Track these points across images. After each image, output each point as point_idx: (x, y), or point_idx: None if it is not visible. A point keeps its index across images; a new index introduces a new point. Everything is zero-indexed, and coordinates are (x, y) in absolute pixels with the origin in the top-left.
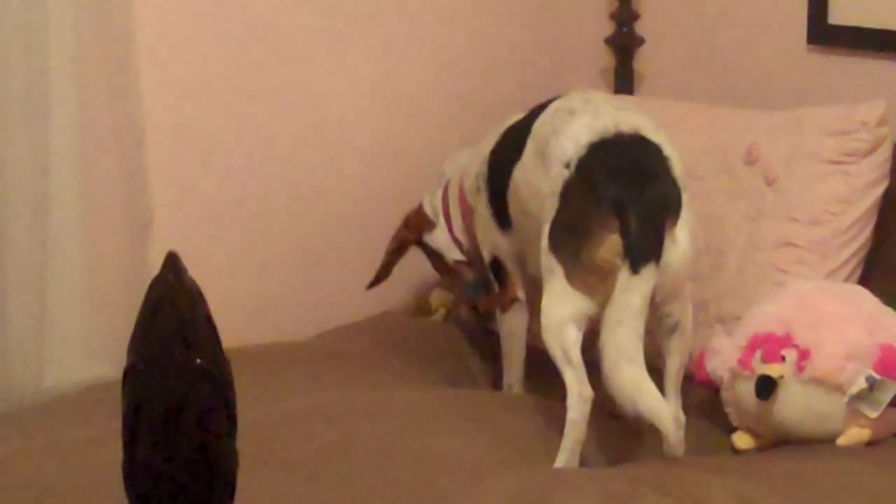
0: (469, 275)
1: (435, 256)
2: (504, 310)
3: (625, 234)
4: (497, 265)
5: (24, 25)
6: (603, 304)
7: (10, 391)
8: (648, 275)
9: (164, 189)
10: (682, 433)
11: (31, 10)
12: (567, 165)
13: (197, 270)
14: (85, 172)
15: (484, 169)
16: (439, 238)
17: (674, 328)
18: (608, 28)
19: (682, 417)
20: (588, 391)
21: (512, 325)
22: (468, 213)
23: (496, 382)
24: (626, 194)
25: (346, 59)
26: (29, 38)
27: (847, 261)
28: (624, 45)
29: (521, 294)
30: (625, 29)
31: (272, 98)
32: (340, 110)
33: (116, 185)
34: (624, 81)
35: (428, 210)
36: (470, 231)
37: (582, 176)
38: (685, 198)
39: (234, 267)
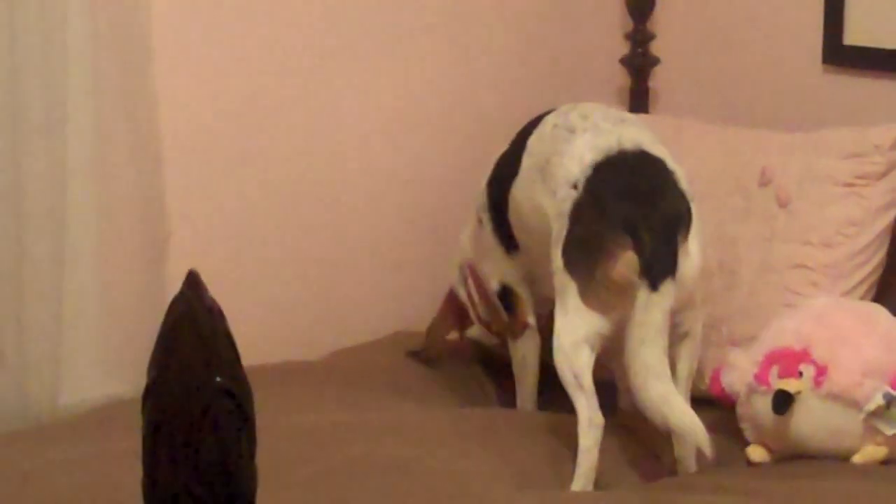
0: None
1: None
2: (515, 337)
3: (640, 252)
4: (506, 292)
5: (42, 42)
6: (618, 322)
7: (26, 409)
8: (667, 290)
9: (182, 207)
10: (709, 448)
11: (48, 27)
12: (574, 186)
13: (214, 288)
14: (102, 190)
15: (484, 199)
16: (474, 331)
17: (685, 335)
18: (624, 48)
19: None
20: (599, 418)
21: (524, 351)
22: (481, 286)
23: (509, 403)
24: (637, 212)
25: (366, 79)
26: (47, 54)
27: (860, 283)
28: (639, 65)
29: (531, 320)
30: (640, 49)
31: (291, 116)
32: (360, 129)
33: (134, 202)
34: (639, 101)
35: (462, 297)
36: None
37: (591, 196)
38: (694, 209)
39: (251, 285)
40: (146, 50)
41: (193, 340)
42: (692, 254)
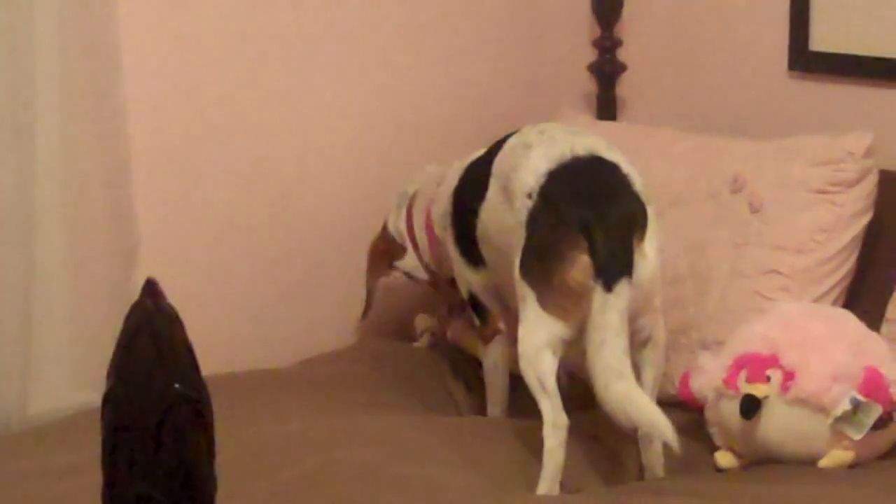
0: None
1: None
2: (486, 342)
3: (594, 253)
4: (475, 301)
5: (8, 53)
6: (578, 328)
7: None
8: (623, 291)
9: (151, 214)
10: (659, 445)
11: (16, 37)
12: (529, 196)
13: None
14: (71, 198)
15: (450, 208)
16: (409, 263)
17: (646, 341)
18: (591, 55)
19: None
20: (563, 419)
21: (495, 357)
22: (435, 242)
23: (478, 409)
24: (590, 214)
25: (338, 85)
26: (14, 64)
27: (831, 289)
28: (606, 71)
29: (502, 326)
30: (607, 56)
31: (261, 122)
32: (331, 136)
33: (103, 210)
34: (606, 108)
35: (392, 232)
36: (437, 257)
37: (545, 202)
38: (650, 211)
39: (221, 292)
40: (114, 57)
41: (151, 348)
42: (648, 255)
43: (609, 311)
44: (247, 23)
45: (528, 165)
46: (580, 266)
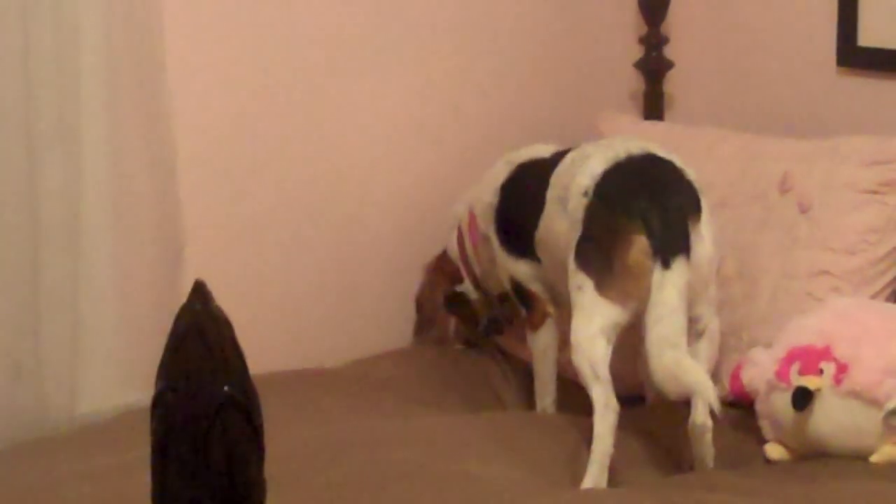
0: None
1: (465, 314)
2: (535, 328)
3: (651, 234)
4: (520, 289)
5: (56, 54)
6: (635, 312)
7: (44, 418)
8: (680, 268)
9: (197, 217)
10: (710, 437)
11: (63, 40)
12: (585, 194)
13: (229, 297)
14: (118, 201)
15: (495, 200)
16: (467, 287)
17: (702, 333)
18: (637, 52)
19: (710, 423)
20: (614, 402)
21: (545, 342)
22: (479, 242)
23: (524, 405)
24: (646, 203)
25: (379, 88)
26: (61, 67)
27: (882, 289)
28: (653, 69)
29: (550, 309)
30: (654, 53)
31: (304, 126)
32: (374, 138)
33: (149, 213)
34: (653, 105)
35: (449, 253)
36: (481, 260)
37: (601, 197)
38: (704, 202)
39: (268, 294)
40: (160, 61)
41: (201, 350)
42: (705, 237)
43: (667, 288)
44: (289, 27)
45: (584, 170)
46: (638, 246)
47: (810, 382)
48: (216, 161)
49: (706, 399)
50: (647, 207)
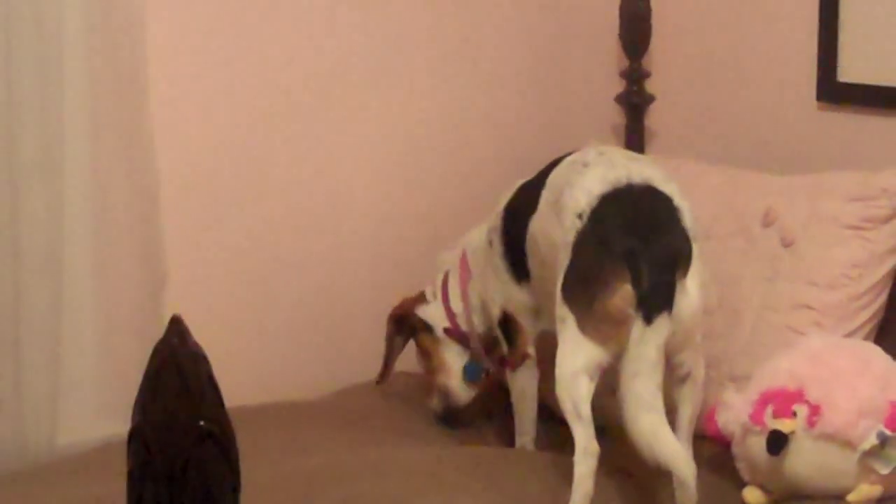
0: (458, 357)
1: (425, 354)
2: (514, 368)
3: (637, 285)
4: (507, 323)
5: (39, 87)
6: (616, 353)
7: (24, 449)
8: (662, 325)
9: (179, 247)
10: (694, 483)
11: (46, 72)
12: (579, 216)
13: (213, 328)
14: (100, 231)
15: (498, 222)
16: (429, 310)
17: (685, 378)
18: (619, 86)
19: (694, 468)
20: (594, 446)
21: (523, 383)
22: (467, 279)
23: (507, 441)
24: (637, 245)
25: (364, 120)
26: (44, 99)
27: (863, 325)
28: (634, 102)
29: (531, 350)
30: (635, 87)
31: (288, 157)
32: (357, 170)
33: (131, 242)
34: (635, 139)
35: (428, 294)
36: (468, 301)
37: (594, 227)
38: (696, 249)
39: (250, 325)
40: (142, 91)
41: (177, 385)
42: (690, 292)
43: (646, 344)
44: (275, 59)
45: (582, 184)
46: (622, 294)
47: (784, 426)
48: (198, 193)
49: (683, 479)
50: (637, 252)
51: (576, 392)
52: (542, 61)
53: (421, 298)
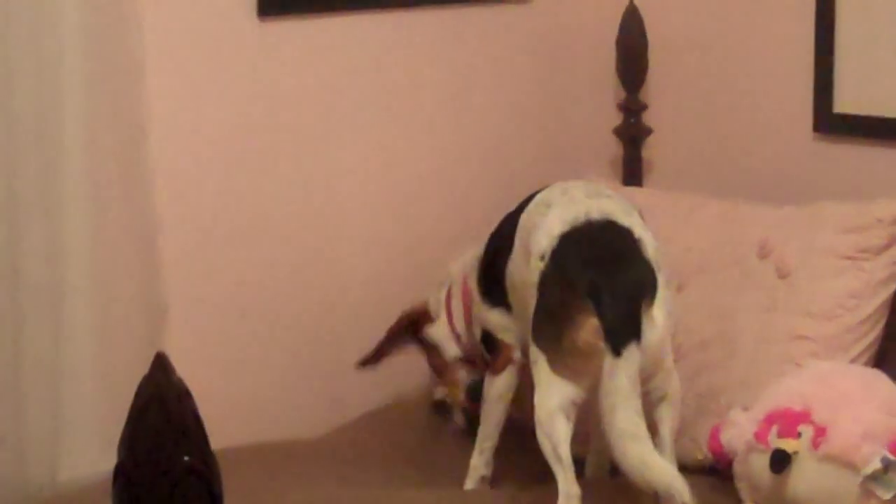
0: (467, 376)
1: (432, 352)
2: (496, 372)
3: (602, 317)
4: (487, 336)
5: (37, 112)
6: (589, 388)
7: (25, 485)
8: (632, 355)
9: (179, 281)
10: (689, 495)
11: (43, 106)
12: (542, 258)
13: (213, 362)
14: (99, 265)
15: (480, 250)
16: (438, 332)
17: (662, 398)
18: (616, 118)
19: (687, 486)
20: (576, 490)
21: (501, 388)
22: (469, 306)
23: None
24: (599, 278)
25: (363, 154)
26: (42, 133)
27: (860, 355)
28: (632, 135)
29: (516, 355)
30: (633, 119)
31: (286, 194)
32: (357, 204)
33: (130, 281)
34: (632, 171)
35: (432, 307)
36: (471, 325)
37: (556, 266)
38: (660, 278)
39: (248, 359)
40: (141, 125)
41: (161, 421)
42: (657, 320)
43: (618, 376)
44: (273, 92)
45: (543, 226)
46: (588, 328)
47: (788, 445)
48: (197, 228)
49: (680, 496)
50: (600, 285)
51: (554, 434)
52: (540, 94)
53: (427, 315)
